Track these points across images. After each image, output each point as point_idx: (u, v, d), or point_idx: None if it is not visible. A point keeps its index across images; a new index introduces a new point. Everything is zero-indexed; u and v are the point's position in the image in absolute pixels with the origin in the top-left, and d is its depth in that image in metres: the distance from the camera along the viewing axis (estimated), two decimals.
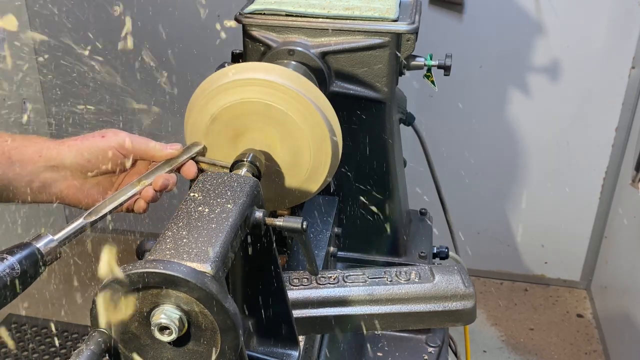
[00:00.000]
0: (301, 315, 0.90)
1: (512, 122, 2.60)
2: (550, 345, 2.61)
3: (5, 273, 0.65)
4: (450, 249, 1.61)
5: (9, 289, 0.65)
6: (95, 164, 0.90)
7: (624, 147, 2.53)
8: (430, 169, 1.76)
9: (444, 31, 2.45)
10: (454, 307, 0.91)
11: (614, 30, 2.37)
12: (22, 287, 0.67)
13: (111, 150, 0.90)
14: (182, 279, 0.59)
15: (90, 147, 0.89)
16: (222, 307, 0.59)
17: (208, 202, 0.73)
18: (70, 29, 2.60)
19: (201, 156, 0.96)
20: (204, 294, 0.59)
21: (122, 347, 0.63)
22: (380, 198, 1.34)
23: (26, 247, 0.69)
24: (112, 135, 0.90)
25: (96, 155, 0.89)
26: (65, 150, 0.89)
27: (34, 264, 0.68)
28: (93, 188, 0.92)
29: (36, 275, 0.69)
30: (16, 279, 0.65)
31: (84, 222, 0.79)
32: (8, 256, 0.66)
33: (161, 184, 0.88)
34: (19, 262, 0.66)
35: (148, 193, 0.88)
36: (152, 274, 0.59)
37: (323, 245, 1.17)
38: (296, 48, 1.14)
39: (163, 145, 0.92)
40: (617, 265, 2.58)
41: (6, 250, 0.67)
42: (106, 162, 0.90)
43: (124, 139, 0.90)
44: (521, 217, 2.80)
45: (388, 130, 1.26)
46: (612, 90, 2.47)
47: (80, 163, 0.89)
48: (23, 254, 0.68)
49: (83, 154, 0.89)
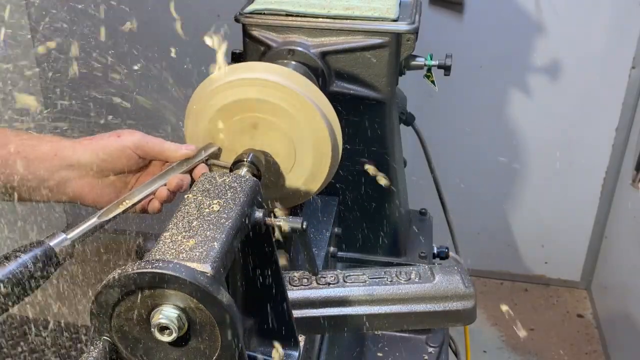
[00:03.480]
0: (301, 315, 0.90)
1: (512, 122, 2.60)
2: (550, 345, 2.61)
3: (18, 271, 0.65)
4: (450, 249, 1.61)
5: (22, 287, 0.65)
6: (110, 164, 0.90)
7: (624, 147, 2.53)
8: (430, 169, 1.76)
9: (444, 31, 2.45)
10: (454, 307, 0.91)
11: (614, 30, 2.37)
12: (35, 286, 0.67)
13: (126, 150, 0.90)
14: (171, 275, 0.59)
15: (106, 147, 0.90)
16: (214, 299, 0.59)
17: (208, 202, 0.73)
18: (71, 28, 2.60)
19: (215, 158, 0.96)
20: (195, 288, 0.59)
21: (129, 354, 0.63)
22: (380, 198, 1.34)
23: (40, 246, 0.69)
24: (128, 135, 0.90)
25: (111, 155, 0.89)
26: (80, 149, 0.89)
27: (47, 263, 0.68)
28: (107, 188, 0.92)
29: (50, 274, 0.69)
30: (29, 277, 0.65)
31: (98, 221, 0.79)
32: (22, 254, 0.66)
33: (175, 184, 0.88)
34: (33, 261, 0.66)
35: (162, 193, 0.88)
36: (142, 274, 0.59)
37: (323, 245, 1.17)
38: (296, 48, 1.14)
39: (178, 145, 0.92)
40: (617, 265, 2.58)
41: (20, 248, 0.67)
42: (121, 162, 0.90)
43: (139, 139, 0.90)
44: (521, 217, 2.80)
45: (388, 130, 1.26)
46: (612, 91, 2.47)
47: (96, 162, 0.89)
48: (36, 252, 0.68)
49: (98, 153, 0.89)
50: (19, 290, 0.64)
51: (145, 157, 0.92)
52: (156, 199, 0.89)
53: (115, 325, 0.62)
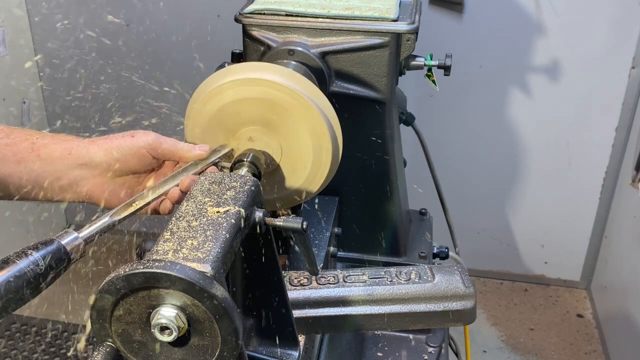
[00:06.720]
0: (301, 315, 0.90)
1: (512, 122, 2.60)
2: (550, 345, 2.61)
3: (29, 269, 0.64)
4: (450, 249, 1.61)
5: (32, 285, 0.64)
6: (123, 163, 0.90)
7: (624, 147, 2.53)
8: (430, 169, 1.76)
9: (444, 31, 2.45)
10: (454, 307, 0.91)
11: (614, 30, 2.37)
12: (46, 284, 0.66)
13: (140, 150, 0.89)
14: (162, 274, 0.58)
15: (120, 147, 0.89)
16: (208, 293, 0.59)
17: (208, 202, 0.73)
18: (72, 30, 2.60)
19: (228, 159, 0.95)
20: (187, 284, 0.58)
21: (132, 357, 0.63)
22: (380, 198, 1.34)
23: (51, 244, 0.69)
24: (142, 135, 0.90)
25: (125, 155, 0.89)
26: (94, 148, 0.89)
27: (58, 261, 0.68)
28: (120, 187, 0.92)
29: (60, 272, 0.69)
30: (40, 275, 0.65)
31: (110, 220, 0.79)
32: (33, 252, 0.66)
33: (187, 185, 0.88)
34: (43, 258, 0.66)
35: (174, 194, 0.88)
36: (134, 275, 0.59)
37: (323, 245, 1.17)
38: (296, 48, 1.14)
39: (192, 146, 0.92)
40: (617, 265, 2.58)
41: (31, 246, 0.67)
42: (135, 162, 0.90)
43: (153, 139, 0.90)
44: (521, 217, 2.80)
45: (388, 130, 1.26)
46: (612, 91, 2.47)
47: (109, 162, 0.89)
48: (48, 250, 0.67)
49: (112, 152, 0.89)
50: (29, 288, 0.64)
51: (158, 158, 0.92)
52: (168, 200, 0.89)
53: (116, 329, 0.62)
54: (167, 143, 0.91)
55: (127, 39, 2.64)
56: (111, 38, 2.63)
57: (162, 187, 0.88)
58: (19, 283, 0.63)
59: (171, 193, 0.88)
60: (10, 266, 0.64)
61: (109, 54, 2.63)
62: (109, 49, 2.63)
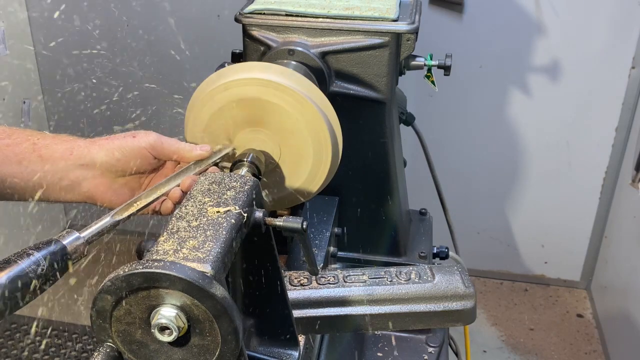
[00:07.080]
0: (301, 315, 0.90)
1: (512, 122, 2.60)
2: (550, 345, 2.61)
3: (30, 269, 0.64)
4: (450, 249, 1.61)
5: (33, 285, 0.64)
6: (125, 164, 0.90)
7: (624, 147, 2.53)
8: (430, 169, 1.76)
9: (444, 31, 2.45)
10: (454, 307, 0.91)
11: (614, 30, 2.37)
12: (48, 284, 0.66)
13: (142, 151, 0.90)
14: (160, 274, 0.58)
15: (121, 147, 0.90)
16: (207, 292, 0.59)
17: (208, 202, 0.73)
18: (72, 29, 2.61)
19: (230, 159, 0.95)
20: (186, 283, 0.58)
21: (133, 358, 0.63)
22: (380, 198, 1.34)
23: (52, 244, 0.68)
24: (143, 135, 0.91)
25: (127, 155, 0.89)
26: (96, 149, 0.89)
27: (59, 261, 0.68)
28: (121, 188, 0.92)
29: (62, 273, 0.68)
30: (41, 275, 0.65)
31: (111, 220, 0.79)
32: (34, 252, 0.66)
33: (189, 185, 0.88)
34: (45, 259, 0.66)
35: (175, 194, 0.88)
36: (133, 275, 0.59)
37: (323, 245, 1.17)
38: (296, 48, 1.14)
39: (193, 146, 0.93)
40: (617, 265, 2.58)
41: (32, 246, 0.67)
42: (136, 162, 0.90)
43: (155, 139, 0.90)
44: (521, 217, 2.80)
45: (388, 130, 1.26)
46: (612, 90, 2.47)
47: (111, 162, 0.89)
48: (49, 250, 0.67)
49: (114, 153, 0.89)
50: (30, 289, 0.64)
51: (160, 158, 0.92)
52: (169, 200, 0.89)
53: (116, 330, 0.62)
54: (169, 143, 0.91)
55: (127, 39, 2.64)
56: (111, 38, 2.64)
57: (163, 187, 0.88)
58: (20, 283, 0.63)
59: (172, 193, 0.88)
60: (11, 266, 0.63)
61: (109, 54, 2.63)
62: (109, 49, 2.64)
